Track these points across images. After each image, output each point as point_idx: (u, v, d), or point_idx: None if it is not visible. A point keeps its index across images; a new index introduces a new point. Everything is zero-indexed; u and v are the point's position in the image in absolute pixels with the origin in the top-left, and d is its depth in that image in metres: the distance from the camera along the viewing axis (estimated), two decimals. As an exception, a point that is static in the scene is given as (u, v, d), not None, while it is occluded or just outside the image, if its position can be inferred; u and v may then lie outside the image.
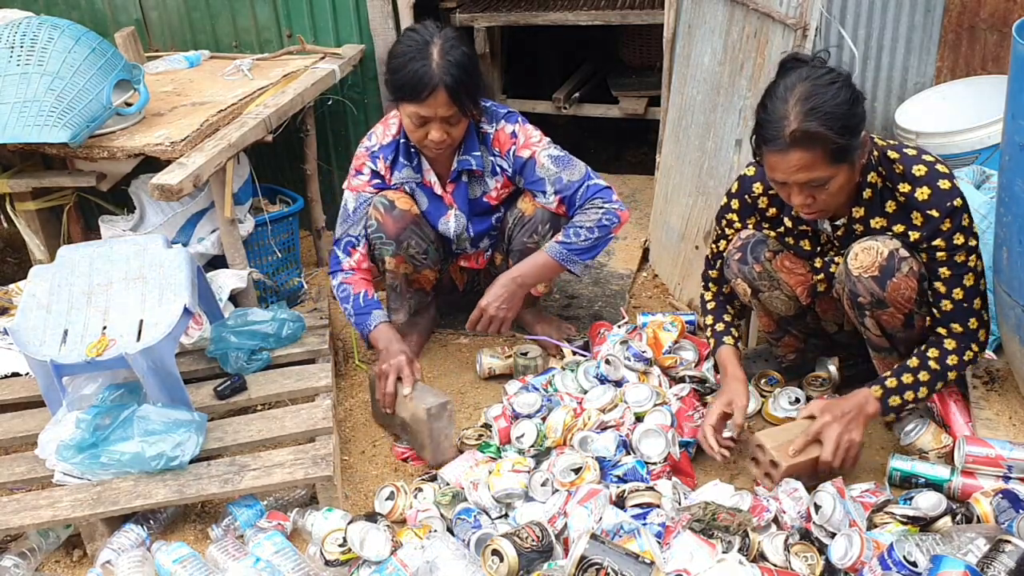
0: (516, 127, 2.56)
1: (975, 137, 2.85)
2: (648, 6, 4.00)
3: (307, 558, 2.00)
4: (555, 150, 2.56)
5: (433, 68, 2.30)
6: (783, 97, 1.89)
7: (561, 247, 2.52)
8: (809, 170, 1.90)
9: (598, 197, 2.53)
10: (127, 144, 2.71)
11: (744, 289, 2.33)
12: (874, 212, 2.07)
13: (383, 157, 2.59)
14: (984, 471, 2.01)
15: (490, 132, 2.56)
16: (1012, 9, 2.99)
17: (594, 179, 2.56)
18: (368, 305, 2.57)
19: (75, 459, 2.12)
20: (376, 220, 2.57)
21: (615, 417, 2.31)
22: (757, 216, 2.29)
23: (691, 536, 1.86)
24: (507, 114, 2.58)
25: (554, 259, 2.53)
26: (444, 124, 2.39)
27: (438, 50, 2.32)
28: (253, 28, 3.57)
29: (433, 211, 2.67)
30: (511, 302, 2.56)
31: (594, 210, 2.52)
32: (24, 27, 2.66)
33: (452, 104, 2.34)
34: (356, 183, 2.62)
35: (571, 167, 2.55)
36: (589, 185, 2.54)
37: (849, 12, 3.14)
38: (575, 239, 2.51)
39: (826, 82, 1.87)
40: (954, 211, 1.97)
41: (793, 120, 1.86)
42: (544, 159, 2.54)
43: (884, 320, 2.12)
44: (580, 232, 2.51)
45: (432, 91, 2.31)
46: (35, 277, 2.40)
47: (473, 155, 2.55)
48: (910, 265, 2.02)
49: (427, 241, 2.65)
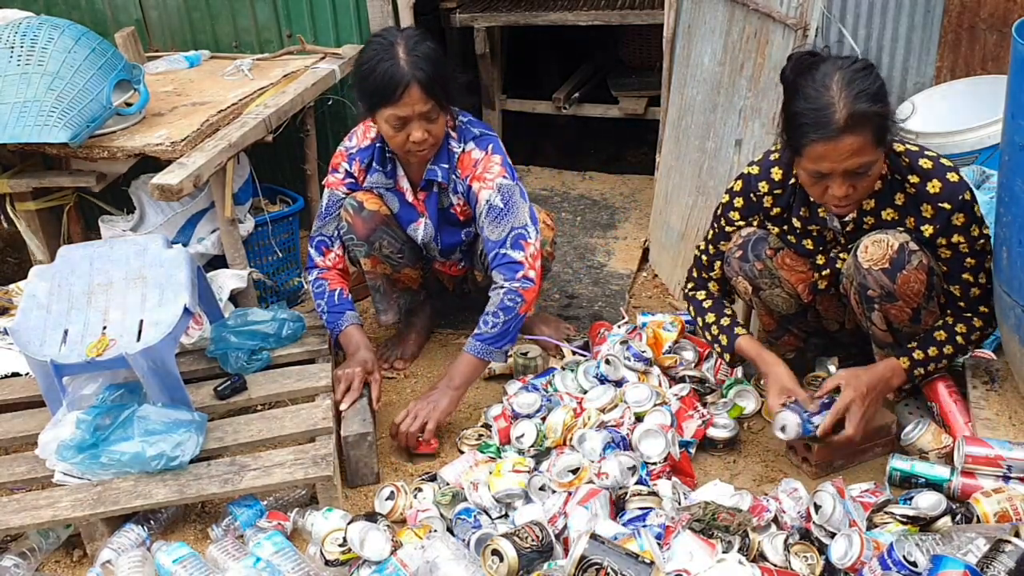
0: (482, 155, 2.48)
1: (975, 137, 2.85)
2: (648, 6, 4.00)
3: (307, 558, 2.00)
4: (497, 197, 2.44)
5: (402, 65, 2.27)
6: (824, 86, 1.89)
7: (475, 341, 2.41)
8: (860, 154, 1.91)
9: (500, 270, 2.43)
10: (127, 144, 2.71)
11: (745, 287, 2.33)
12: (884, 203, 2.09)
13: (359, 160, 2.58)
14: (984, 471, 2.01)
15: (456, 152, 2.49)
16: (1012, 9, 2.99)
17: (507, 249, 2.43)
18: (341, 304, 2.58)
19: (75, 459, 2.12)
20: (347, 222, 2.57)
21: (615, 417, 2.31)
22: (760, 215, 2.29)
23: (691, 536, 1.86)
24: (479, 137, 2.50)
25: (475, 356, 2.42)
26: (423, 121, 2.34)
27: (403, 48, 2.29)
28: (253, 28, 3.57)
29: (403, 216, 2.63)
30: (439, 404, 2.38)
31: (495, 291, 2.43)
32: (24, 27, 2.66)
33: (428, 98, 2.30)
34: (331, 179, 2.62)
35: (499, 224, 2.44)
36: (499, 253, 2.44)
37: (849, 12, 3.14)
38: (484, 328, 2.40)
39: (859, 67, 1.91)
40: (965, 204, 2.02)
41: (843, 106, 1.87)
42: (482, 202, 2.46)
43: (892, 314, 2.12)
44: (487, 320, 2.41)
45: (405, 88, 2.27)
46: (35, 277, 2.40)
47: (441, 167, 2.49)
48: (920, 259, 2.04)
49: (400, 241, 2.64)
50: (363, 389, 2.44)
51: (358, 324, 2.58)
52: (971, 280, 2.11)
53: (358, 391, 2.42)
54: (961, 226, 2.04)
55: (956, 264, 2.10)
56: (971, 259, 2.09)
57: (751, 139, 2.59)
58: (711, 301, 2.41)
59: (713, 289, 2.43)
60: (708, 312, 2.40)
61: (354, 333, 2.55)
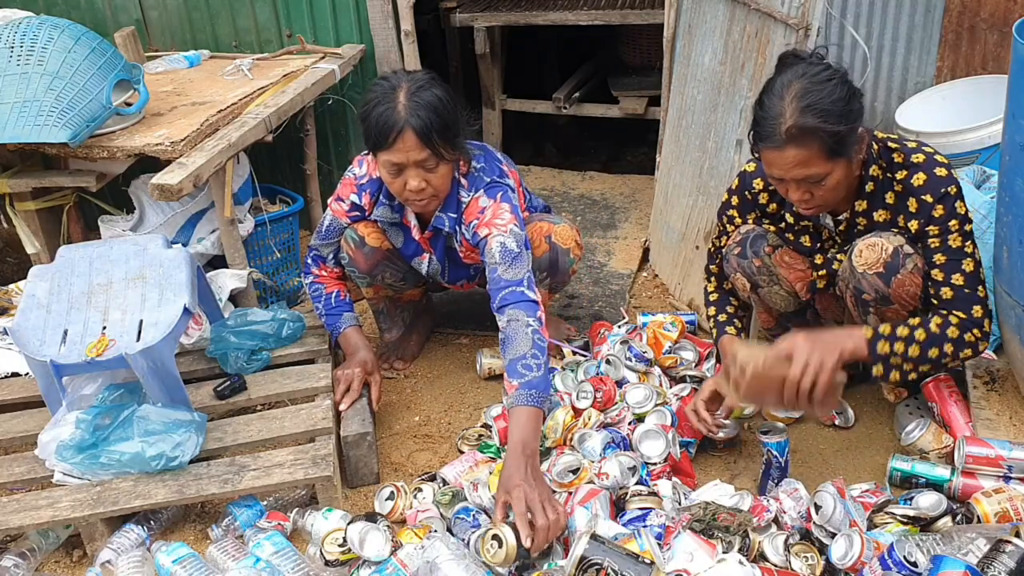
0: (491, 203, 2.35)
1: (975, 137, 2.85)
2: (648, 6, 4.00)
3: (307, 558, 2.00)
4: (512, 241, 2.30)
5: (399, 110, 2.18)
6: (779, 94, 1.90)
7: (524, 392, 2.10)
8: (805, 166, 1.91)
9: (521, 308, 2.22)
10: (127, 144, 2.71)
11: (743, 284, 2.33)
12: (876, 205, 2.08)
13: (369, 192, 2.48)
14: (984, 471, 2.01)
15: (465, 200, 2.39)
16: (1012, 9, 2.99)
17: (525, 288, 2.26)
18: (339, 307, 2.57)
19: (75, 459, 2.12)
20: (348, 254, 2.54)
21: (614, 416, 2.31)
22: (757, 212, 2.29)
23: (691, 536, 1.86)
24: (490, 185, 2.39)
25: (531, 407, 2.09)
26: (419, 170, 2.24)
27: (404, 93, 2.20)
28: (253, 28, 3.57)
29: (408, 251, 2.58)
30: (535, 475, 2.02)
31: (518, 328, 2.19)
32: (24, 27, 2.66)
33: (423, 147, 2.19)
34: (336, 208, 2.53)
35: (515, 266, 2.28)
36: (517, 291, 2.25)
37: (849, 12, 3.14)
38: (528, 374, 2.12)
39: (822, 79, 1.89)
40: (946, 196, 1.98)
41: (788, 117, 1.87)
42: (495, 245, 2.30)
43: (888, 317, 2.12)
44: (528, 364, 2.14)
45: (399, 133, 2.17)
46: (35, 277, 2.39)
47: (448, 215, 2.43)
48: (915, 262, 2.03)
49: (402, 271, 2.62)
50: (363, 390, 2.44)
51: (357, 326, 2.58)
52: (940, 278, 2.01)
53: (357, 392, 2.42)
54: (938, 218, 1.99)
55: (927, 261, 2.03)
56: (941, 255, 2.00)
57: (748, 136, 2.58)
58: (717, 295, 2.44)
59: (716, 284, 2.45)
60: (711, 305, 2.43)
61: (353, 335, 2.55)
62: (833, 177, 1.95)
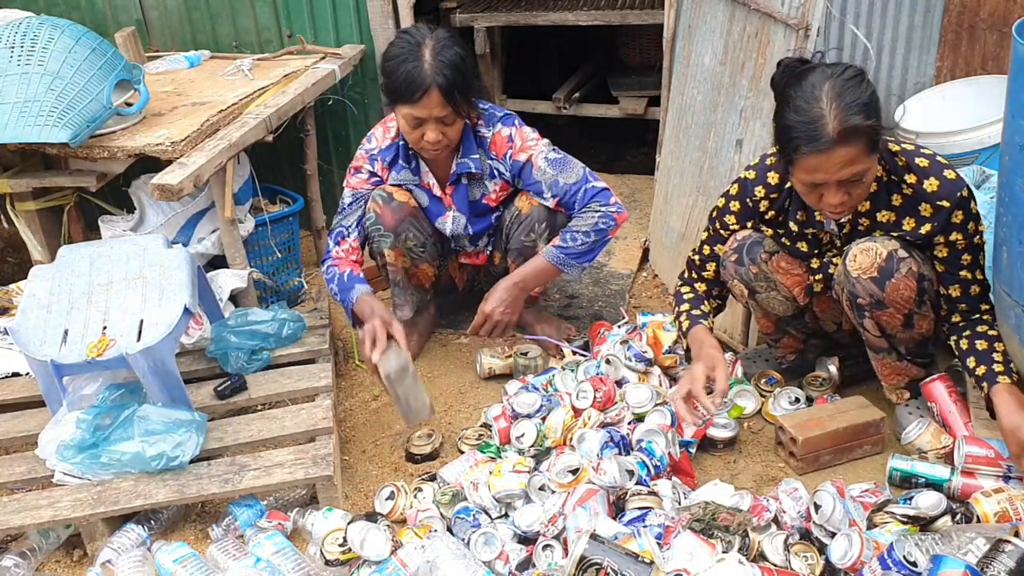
0: (513, 130, 2.58)
1: (975, 137, 2.85)
2: (648, 6, 4.00)
3: (307, 558, 2.00)
4: (553, 152, 2.57)
5: (425, 69, 2.32)
6: (814, 98, 1.88)
7: (558, 251, 2.53)
8: (853, 164, 1.90)
9: (595, 200, 2.54)
10: (127, 144, 2.71)
11: (741, 290, 2.33)
12: (880, 205, 2.08)
13: (381, 159, 2.62)
14: (984, 471, 2.02)
15: (487, 136, 2.57)
16: (1012, 9, 2.98)
17: (592, 181, 2.56)
18: (351, 281, 2.57)
19: (75, 459, 2.12)
20: (374, 212, 2.58)
21: (614, 416, 2.31)
22: (756, 220, 2.29)
23: (691, 536, 1.86)
24: (504, 116, 2.60)
25: (552, 263, 2.54)
26: (439, 124, 2.41)
27: (430, 51, 2.34)
28: (253, 28, 3.57)
29: (432, 210, 2.69)
30: (513, 306, 2.59)
31: (590, 214, 2.53)
32: (24, 27, 2.66)
33: (446, 104, 2.36)
34: (354, 181, 2.65)
35: (568, 169, 2.55)
36: (587, 188, 2.54)
37: (849, 12, 3.13)
38: (572, 244, 2.52)
39: (850, 75, 1.90)
40: (963, 200, 2.01)
41: (833, 118, 1.86)
42: (541, 162, 2.55)
43: (884, 321, 2.12)
44: (577, 236, 2.52)
45: (425, 91, 2.33)
46: (35, 277, 2.40)
47: (471, 158, 2.57)
48: (909, 266, 2.03)
49: (424, 235, 2.66)
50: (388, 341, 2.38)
51: (370, 292, 2.55)
52: (969, 278, 2.10)
53: (384, 341, 2.35)
54: (959, 223, 2.03)
55: (954, 262, 2.09)
56: (967, 256, 2.08)
57: (752, 139, 2.58)
58: (692, 295, 2.43)
59: (700, 289, 2.43)
60: (685, 303, 2.41)
61: (367, 299, 2.50)
62: (870, 173, 1.96)
